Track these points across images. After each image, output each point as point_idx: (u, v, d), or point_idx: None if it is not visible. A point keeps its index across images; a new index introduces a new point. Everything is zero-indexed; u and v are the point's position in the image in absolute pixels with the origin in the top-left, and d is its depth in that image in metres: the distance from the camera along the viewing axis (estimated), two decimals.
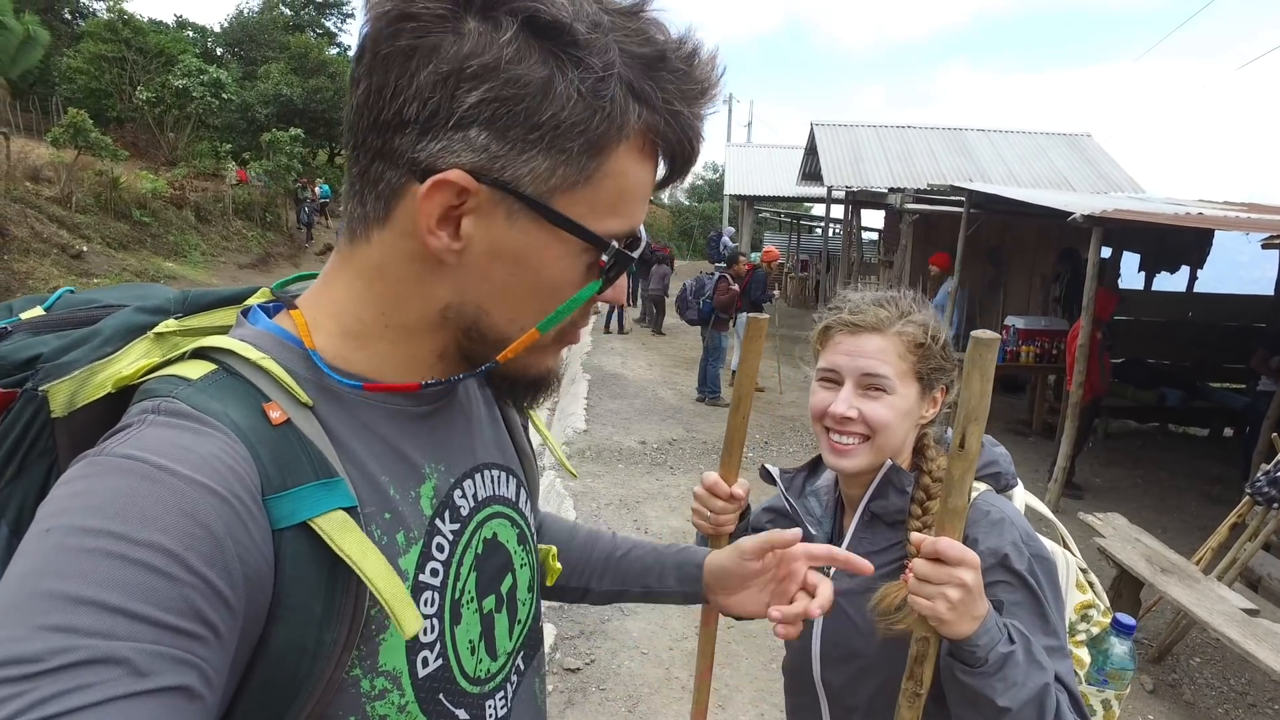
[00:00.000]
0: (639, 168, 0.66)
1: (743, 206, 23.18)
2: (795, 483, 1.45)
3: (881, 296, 1.29)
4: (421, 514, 0.71)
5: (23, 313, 0.79)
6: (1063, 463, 6.23)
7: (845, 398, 1.23)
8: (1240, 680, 4.05)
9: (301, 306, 0.72)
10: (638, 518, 5.55)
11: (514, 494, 0.87)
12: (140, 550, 0.50)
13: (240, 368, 0.64)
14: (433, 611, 0.71)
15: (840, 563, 0.99)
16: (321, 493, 0.61)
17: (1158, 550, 4.10)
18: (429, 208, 0.63)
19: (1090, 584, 1.34)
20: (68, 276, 14.02)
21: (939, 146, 14.43)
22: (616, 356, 11.65)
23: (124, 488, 0.53)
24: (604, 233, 0.66)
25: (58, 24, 25.55)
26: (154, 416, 0.59)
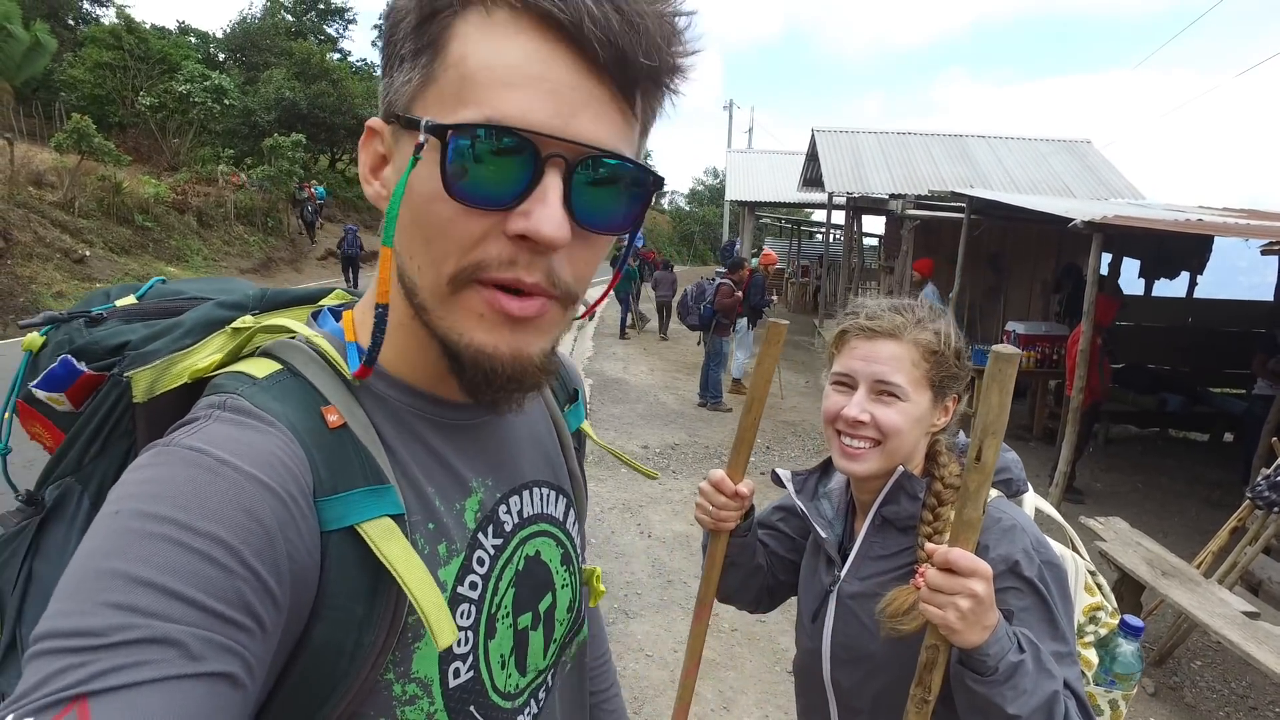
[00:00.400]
0: (486, 46, 0.58)
1: (744, 212, 23.23)
2: (808, 485, 1.45)
3: (899, 303, 1.30)
4: (465, 527, 0.71)
5: (118, 300, 0.85)
6: (1063, 467, 6.26)
7: (858, 402, 1.24)
8: (1241, 683, 4.07)
9: (355, 308, 0.75)
10: (641, 522, 5.57)
11: (562, 514, 0.86)
12: (200, 540, 0.52)
13: (303, 369, 0.67)
14: (468, 624, 0.71)
15: None
16: (371, 499, 0.63)
17: (1159, 554, 4.12)
18: (361, 158, 0.67)
19: (1099, 586, 1.35)
20: (70, 281, 14.04)
21: (939, 153, 14.48)
22: (618, 361, 11.68)
23: (188, 478, 0.55)
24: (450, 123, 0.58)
25: (61, 30, 25.61)
26: (219, 412, 0.61)
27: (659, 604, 4.39)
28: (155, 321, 0.77)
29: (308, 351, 0.68)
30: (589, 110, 0.59)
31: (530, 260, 0.60)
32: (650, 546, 5.16)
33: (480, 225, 0.60)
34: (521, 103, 0.57)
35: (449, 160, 0.57)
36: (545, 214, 0.58)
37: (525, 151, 0.58)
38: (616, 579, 4.63)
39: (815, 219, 25.85)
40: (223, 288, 0.89)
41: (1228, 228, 5.77)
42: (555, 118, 0.57)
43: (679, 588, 4.58)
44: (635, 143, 0.65)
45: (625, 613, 4.24)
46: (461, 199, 0.59)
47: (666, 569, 4.83)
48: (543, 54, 0.57)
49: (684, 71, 0.63)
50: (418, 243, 0.62)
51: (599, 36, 0.56)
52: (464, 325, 0.63)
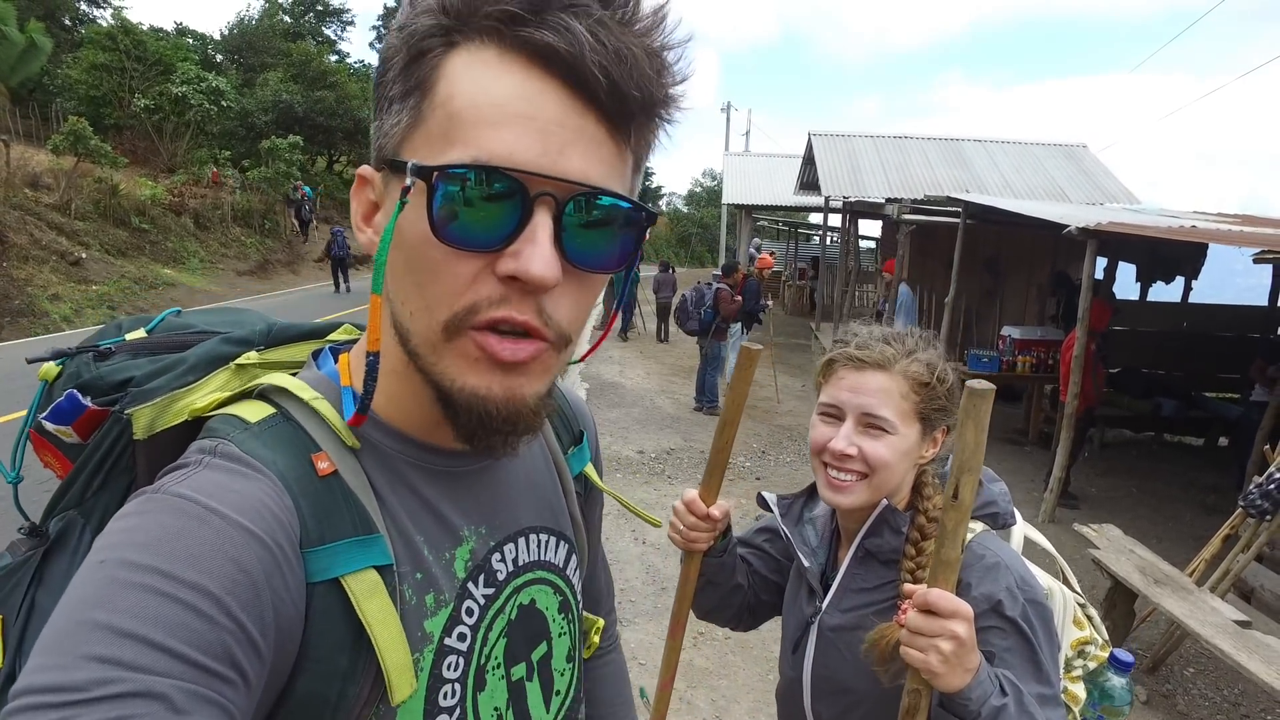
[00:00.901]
0: (473, 84, 0.57)
1: (741, 215, 23.25)
2: (793, 510, 1.44)
3: (889, 333, 1.27)
4: (454, 576, 0.70)
5: (129, 333, 0.85)
6: (1058, 473, 6.27)
7: (845, 435, 1.21)
8: (1233, 691, 4.08)
9: (351, 352, 0.74)
10: (635, 528, 5.57)
11: (562, 560, 0.84)
12: (185, 590, 0.51)
13: (296, 413, 0.66)
14: (455, 676, 0.70)
15: None
16: (358, 549, 0.62)
17: (1151, 561, 4.13)
18: (354, 206, 0.67)
19: (1089, 618, 1.33)
20: (66, 283, 14.03)
21: (935, 157, 14.52)
22: (615, 365, 11.68)
23: (175, 527, 0.54)
24: (436, 164, 0.57)
25: (58, 31, 25.57)
26: (210, 459, 0.61)
27: (653, 611, 4.39)
28: (161, 356, 0.77)
29: (302, 396, 0.67)
30: (578, 147, 0.57)
31: (521, 299, 0.59)
32: (645, 553, 5.16)
33: (471, 267, 0.58)
34: (509, 141, 0.56)
35: (436, 203, 0.56)
36: (534, 253, 0.57)
37: (513, 191, 0.56)
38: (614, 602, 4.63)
39: (812, 221, 25.87)
40: (234, 320, 0.89)
41: (1221, 235, 5.79)
42: (543, 156, 0.56)
43: (673, 594, 4.56)
44: (628, 178, 0.64)
45: (620, 621, 4.22)
46: (450, 242, 0.57)
47: (661, 576, 4.83)
48: (530, 91, 0.56)
49: (677, 102, 0.62)
50: (410, 287, 0.61)
51: (596, 69, 0.55)
52: (456, 370, 0.61)
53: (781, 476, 7.03)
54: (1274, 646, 3.22)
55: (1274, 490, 3.91)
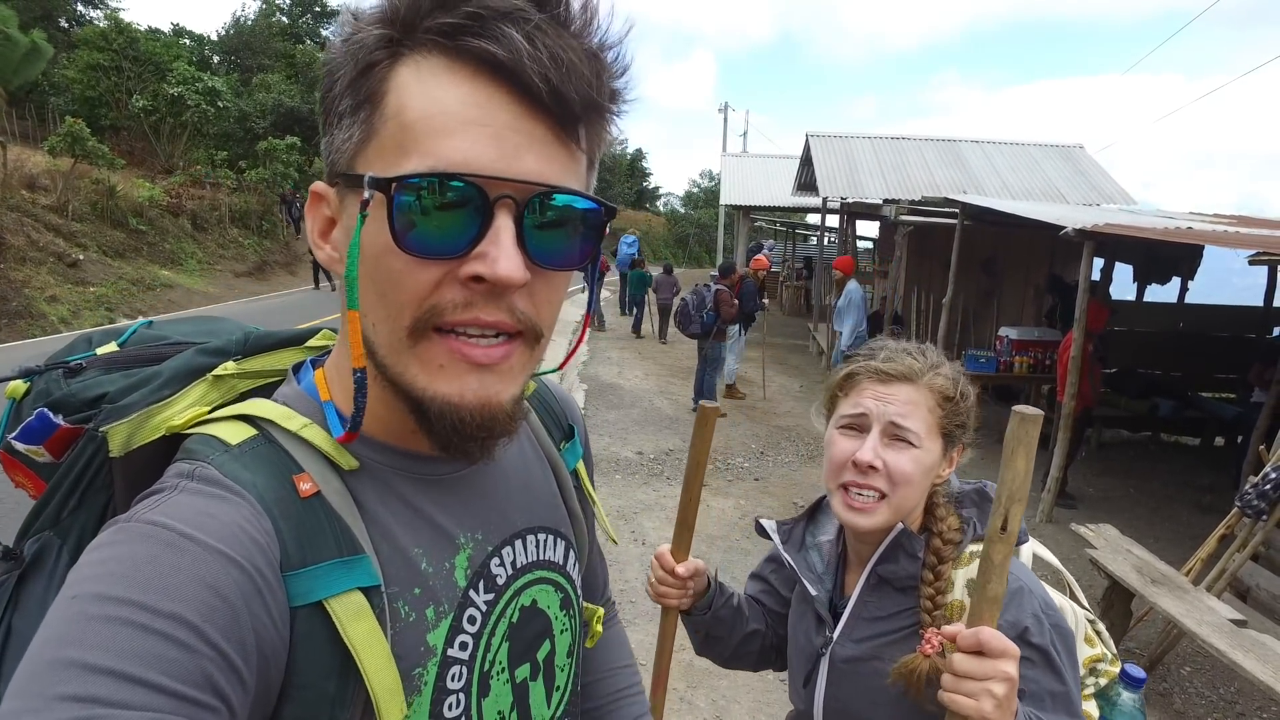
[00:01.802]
0: (424, 95, 0.58)
1: (738, 216, 23.27)
2: (794, 535, 1.38)
3: (910, 346, 1.24)
4: (454, 586, 0.70)
5: (100, 347, 0.83)
6: (1055, 473, 6.30)
7: (871, 446, 1.15)
8: (1229, 689, 4.10)
9: (325, 365, 0.73)
10: (635, 529, 5.59)
11: (561, 557, 0.84)
12: (161, 620, 0.50)
13: (279, 435, 0.66)
14: (459, 686, 0.69)
15: None
16: (341, 571, 0.61)
17: (1148, 561, 4.15)
18: (309, 222, 0.67)
19: (1099, 634, 1.30)
20: (64, 285, 14.01)
21: (933, 158, 14.55)
22: (613, 366, 11.70)
23: (148, 556, 0.53)
24: (393, 175, 0.58)
25: (54, 32, 25.54)
26: (187, 483, 0.60)
27: (653, 612, 4.40)
28: (135, 370, 0.75)
29: (289, 427, 0.66)
30: (532, 150, 0.59)
31: (487, 301, 0.60)
32: (644, 554, 5.18)
33: (434, 274, 0.59)
34: (464, 148, 0.57)
35: (396, 213, 0.57)
36: (499, 254, 0.58)
37: (473, 196, 0.57)
38: (611, 588, 4.64)
39: (810, 222, 25.89)
40: (209, 330, 0.87)
41: (1217, 237, 5.81)
42: (500, 160, 0.57)
43: None
44: (583, 175, 0.65)
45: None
46: (413, 251, 0.58)
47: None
48: (481, 98, 0.57)
49: (621, 98, 0.63)
50: (372, 298, 0.61)
51: (538, 75, 0.56)
52: (426, 377, 0.61)
53: (780, 477, 7.04)
54: (1269, 645, 3.24)
55: (1270, 490, 3.93)
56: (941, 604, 1.13)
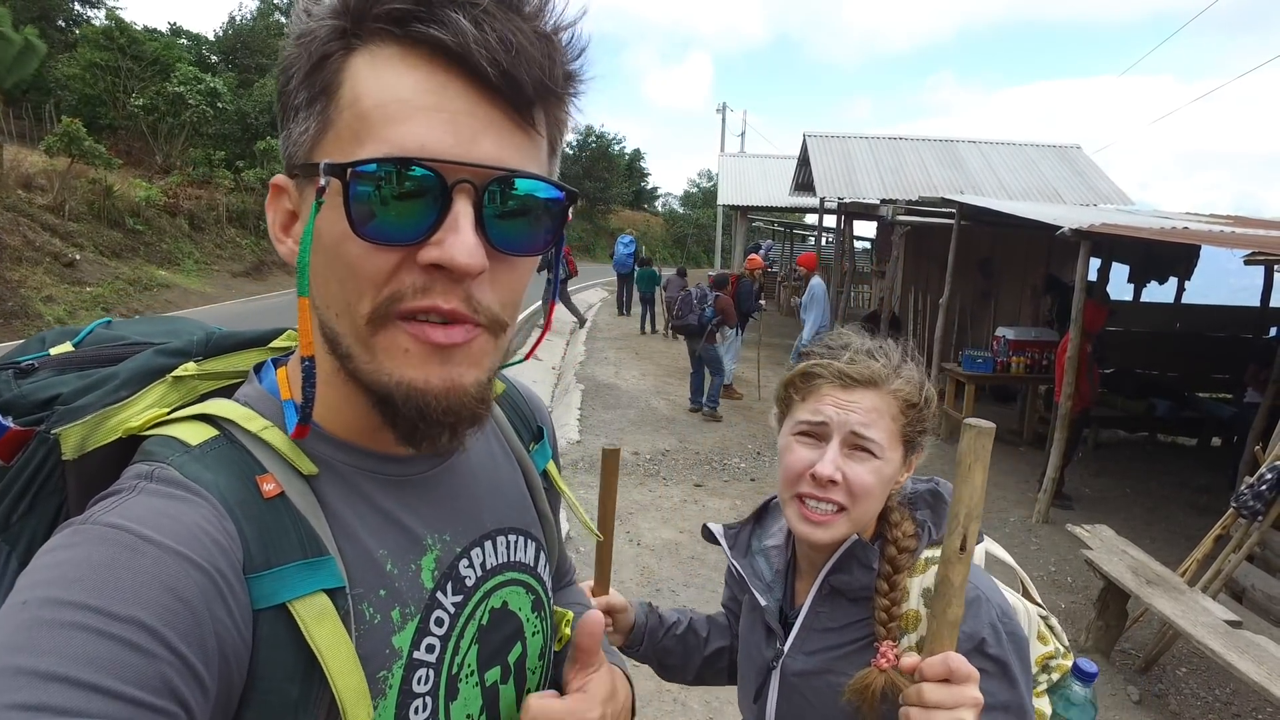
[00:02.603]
0: (377, 83, 0.58)
1: (736, 216, 23.27)
2: (740, 539, 1.31)
3: (872, 345, 1.15)
4: (421, 587, 0.69)
5: (54, 347, 0.80)
6: (1052, 474, 6.29)
7: (832, 458, 1.08)
8: (1225, 690, 4.10)
9: (288, 364, 0.72)
10: (630, 529, 5.58)
11: (532, 559, 0.83)
12: (118, 625, 0.49)
13: (240, 436, 0.65)
14: (425, 689, 0.68)
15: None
16: (305, 573, 0.60)
17: (1144, 562, 4.15)
18: (270, 216, 0.66)
19: (1051, 629, 1.25)
20: (60, 285, 13.99)
21: (930, 158, 14.54)
22: (610, 366, 11.69)
23: (106, 559, 0.52)
24: (348, 161, 0.57)
25: (52, 31, 25.49)
26: (146, 484, 0.58)
27: None
28: (91, 371, 0.73)
29: (250, 428, 0.65)
30: (489, 134, 0.58)
31: (446, 287, 0.59)
32: (639, 554, 5.17)
33: (391, 260, 0.59)
34: (420, 134, 0.57)
35: (352, 200, 0.57)
36: (458, 241, 0.57)
37: (430, 182, 0.57)
38: None
39: (808, 222, 25.90)
40: (169, 330, 0.85)
41: (1213, 237, 5.81)
42: (456, 145, 0.57)
43: (667, 596, 4.58)
44: (544, 160, 0.65)
45: None
46: (370, 238, 0.58)
47: (655, 577, 4.84)
48: (434, 84, 0.57)
49: (576, 80, 0.63)
50: (332, 287, 0.61)
51: (487, 60, 0.56)
52: (391, 364, 0.61)
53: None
54: (1264, 646, 3.23)
55: (1265, 490, 3.93)
56: (897, 615, 1.08)
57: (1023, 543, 5.89)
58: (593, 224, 48.16)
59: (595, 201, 48.09)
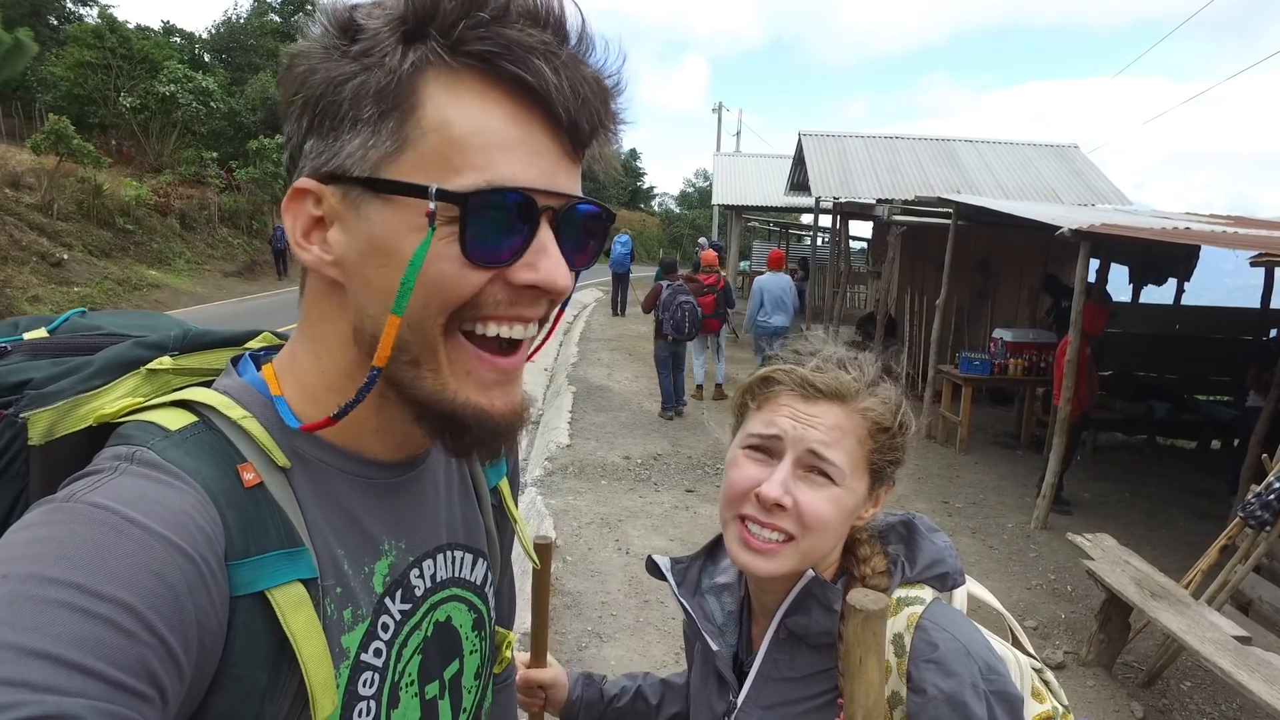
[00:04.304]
0: (466, 112, 0.60)
1: (731, 216, 23.15)
2: (689, 576, 1.15)
3: (846, 356, 1.01)
4: (372, 591, 0.70)
5: (27, 332, 0.80)
6: (1051, 479, 6.16)
7: (781, 479, 0.93)
8: (1231, 706, 3.97)
9: (275, 361, 0.72)
10: (619, 537, 5.43)
11: (479, 578, 0.84)
12: (103, 605, 0.49)
13: (221, 423, 0.65)
14: (371, 693, 0.69)
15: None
16: (284, 562, 0.61)
17: (1147, 573, 4.02)
18: (290, 221, 0.66)
19: (1047, 684, 1.10)
20: (47, 285, 13.85)
21: (927, 157, 14.42)
22: (603, 368, 11.55)
23: (91, 538, 0.51)
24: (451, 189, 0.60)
25: (43, 29, 25.30)
26: (128, 465, 0.58)
27: (634, 625, 4.25)
28: (64, 359, 0.72)
29: (230, 414, 0.65)
30: (562, 166, 0.64)
31: (532, 301, 0.65)
32: (628, 564, 5.02)
33: (483, 278, 0.62)
34: (515, 165, 0.61)
35: (468, 225, 0.60)
36: (552, 264, 0.63)
37: (527, 209, 0.62)
38: (592, 599, 4.49)
39: (804, 222, 25.77)
40: (146, 324, 0.85)
41: (1215, 237, 5.69)
42: (541, 176, 0.62)
43: (655, 608, 4.44)
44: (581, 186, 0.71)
45: (599, 636, 4.10)
46: (476, 259, 0.61)
47: (644, 588, 4.69)
48: (521, 119, 0.61)
49: (619, 119, 0.68)
50: (416, 301, 0.62)
51: (561, 105, 0.60)
52: (456, 384, 0.64)
53: None
54: (1275, 664, 3.10)
55: (1273, 500, 3.80)
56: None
57: (1021, 550, 5.76)
58: None
59: None
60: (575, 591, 4.57)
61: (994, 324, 9.91)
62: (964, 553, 5.66)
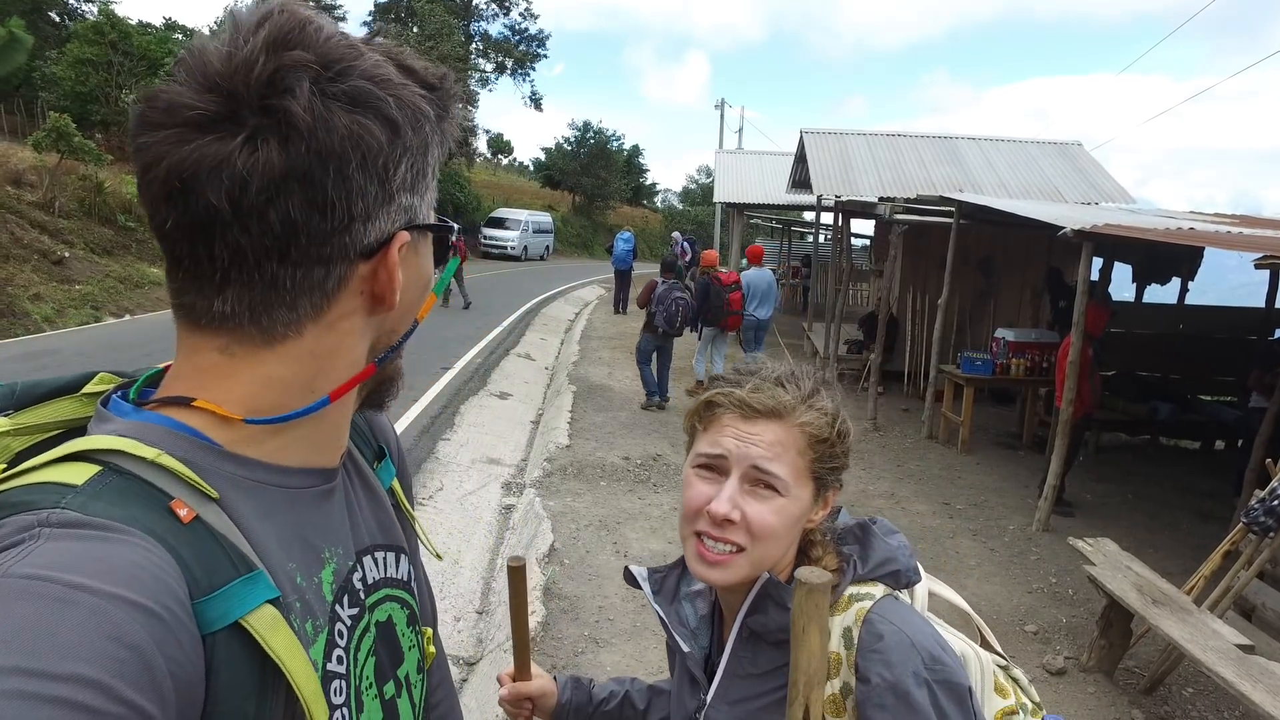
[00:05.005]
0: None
1: (733, 213, 23.08)
2: (667, 584, 1.24)
3: (783, 373, 1.09)
4: (324, 600, 0.69)
5: None
6: (1053, 481, 6.12)
7: (729, 496, 1.01)
8: (1235, 713, 3.93)
9: (202, 401, 0.66)
10: (618, 540, 5.40)
11: (405, 575, 0.85)
12: (60, 686, 0.45)
13: (131, 466, 0.59)
14: (342, 701, 0.69)
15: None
16: (247, 588, 0.59)
17: (1149, 579, 3.98)
18: (389, 274, 0.68)
19: (1014, 679, 1.15)
20: (49, 283, 13.81)
21: (929, 155, 14.33)
22: (604, 367, 11.52)
23: (33, 615, 0.47)
24: (432, 218, 0.74)
25: (44, 26, 25.28)
26: (46, 529, 0.51)
27: (631, 630, 4.22)
28: None
29: (143, 455, 0.60)
30: None
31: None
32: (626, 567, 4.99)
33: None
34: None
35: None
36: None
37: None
38: (589, 604, 4.46)
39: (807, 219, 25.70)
40: None
41: (1220, 238, 5.64)
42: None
43: (652, 613, 4.37)
44: None
45: (596, 641, 4.07)
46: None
47: (641, 593, 4.66)
48: None
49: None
50: (414, 312, 0.75)
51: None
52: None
53: None
54: (1278, 674, 3.07)
55: (1278, 506, 3.76)
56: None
57: (1022, 552, 5.72)
58: (591, 220, 47.90)
59: (593, 198, 47.81)
60: (572, 596, 4.54)
61: (996, 324, 9.86)
62: (965, 555, 5.62)
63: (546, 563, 4.92)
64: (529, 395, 9.96)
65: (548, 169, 48.71)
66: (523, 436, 8.19)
